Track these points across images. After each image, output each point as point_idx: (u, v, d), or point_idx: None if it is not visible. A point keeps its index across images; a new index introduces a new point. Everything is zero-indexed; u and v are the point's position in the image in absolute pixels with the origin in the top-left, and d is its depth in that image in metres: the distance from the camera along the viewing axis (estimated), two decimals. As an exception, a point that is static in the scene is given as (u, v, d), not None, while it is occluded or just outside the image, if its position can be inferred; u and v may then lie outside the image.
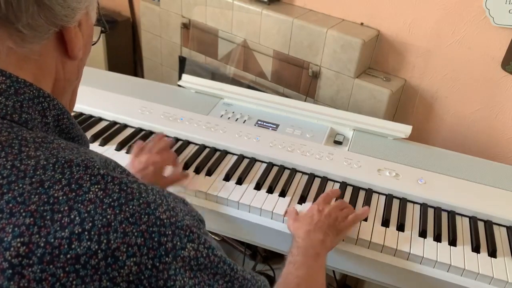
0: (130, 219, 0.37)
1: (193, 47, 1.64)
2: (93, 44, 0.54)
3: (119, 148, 1.07)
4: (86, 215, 0.36)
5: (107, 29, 0.57)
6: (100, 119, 1.18)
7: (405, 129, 1.12)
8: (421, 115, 1.35)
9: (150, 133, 1.13)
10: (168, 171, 0.95)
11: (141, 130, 1.14)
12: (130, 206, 0.38)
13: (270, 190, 0.97)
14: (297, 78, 1.41)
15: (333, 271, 1.52)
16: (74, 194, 0.37)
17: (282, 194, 0.96)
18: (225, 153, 1.08)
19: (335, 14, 1.35)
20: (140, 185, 0.40)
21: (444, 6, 1.16)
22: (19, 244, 0.34)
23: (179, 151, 1.07)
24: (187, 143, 1.10)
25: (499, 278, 0.81)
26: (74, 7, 0.43)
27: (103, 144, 1.08)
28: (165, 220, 0.39)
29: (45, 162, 0.38)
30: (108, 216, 0.36)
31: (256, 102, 1.22)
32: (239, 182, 0.99)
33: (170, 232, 0.39)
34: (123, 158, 1.04)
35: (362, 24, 1.31)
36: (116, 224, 0.36)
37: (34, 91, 0.43)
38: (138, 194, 0.39)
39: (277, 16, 1.35)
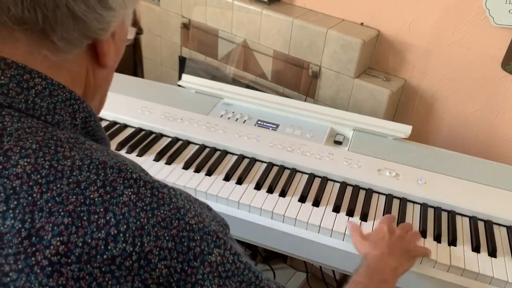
0: (162, 223, 0.38)
1: (193, 47, 1.64)
2: (127, 44, 0.55)
3: (119, 148, 1.07)
4: (121, 217, 0.37)
5: (142, 31, 0.58)
6: (100, 119, 1.17)
7: (405, 129, 1.12)
8: (421, 115, 1.35)
9: (150, 133, 1.13)
10: None
11: (141, 130, 1.14)
12: (162, 211, 0.39)
13: (270, 190, 0.97)
14: (297, 78, 1.41)
15: (333, 271, 1.52)
16: (109, 196, 0.37)
17: (282, 194, 0.96)
18: (225, 153, 1.08)
19: (335, 14, 1.34)
20: (170, 189, 0.41)
21: (444, 6, 1.16)
22: (58, 243, 0.35)
23: (179, 151, 1.07)
24: (187, 143, 1.10)
25: (499, 278, 0.82)
26: (109, 20, 0.44)
27: (103, 144, 1.08)
28: (194, 226, 0.40)
29: (80, 163, 0.38)
30: (142, 220, 0.37)
31: (256, 102, 1.22)
32: (239, 182, 0.99)
33: (198, 237, 0.40)
34: (123, 158, 1.04)
35: (362, 24, 1.31)
36: (149, 227, 0.37)
37: (67, 93, 0.44)
38: (168, 199, 0.40)
39: (277, 16, 1.35)
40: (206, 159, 1.04)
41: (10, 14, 0.38)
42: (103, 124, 1.16)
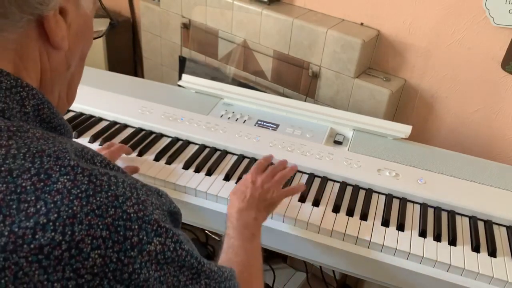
0: (96, 211, 0.37)
1: (193, 47, 1.64)
2: (99, 37, 0.53)
3: (119, 148, 1.07)
4: (52, 205, 0.36)
5: (113, 19, 0.56)
6: (100, 119, 1.18)
7: (405, 129, 1.12)
8: (421, 115, 1.35)
9: (150, 133, 1.13)
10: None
11: (141, 130, 1.14)
12: (98, 198, 0.38)
13: (270, 190, 0.97)
14: (297, 78, 1.41)
15: (333, 271, 1.52)
16: (42, 184, 0.37)
17: (282, 194, 0.96)
18: (225, 153, 1.08)
19: (335, 14, 1.35)
20: (111, 177, 0.40)
21: (444, 6, 1.16)
22: None
23: (179, 151, 1.07)
24: (187, 143, 1.10)
25: (499, 278, 0.82)
26: None
27: (103, 144, 1.08)
28: (132, 214, 0.39)
29: (15, 152, 0.38)
30: (74, 208, 0.36)
31: (256, 102, 1.22)
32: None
33: (136, 227, 0.39)
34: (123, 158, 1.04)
35: (362, 24, 1.31)
36: (81, 215, 0.36)
37: (12, 80, 0.42)
38: (107, 186, 0.39)
39: (277, 16, 1.35)
40: (206, 159, 1.04)
41: None
42: (103, 124, 1.16)
